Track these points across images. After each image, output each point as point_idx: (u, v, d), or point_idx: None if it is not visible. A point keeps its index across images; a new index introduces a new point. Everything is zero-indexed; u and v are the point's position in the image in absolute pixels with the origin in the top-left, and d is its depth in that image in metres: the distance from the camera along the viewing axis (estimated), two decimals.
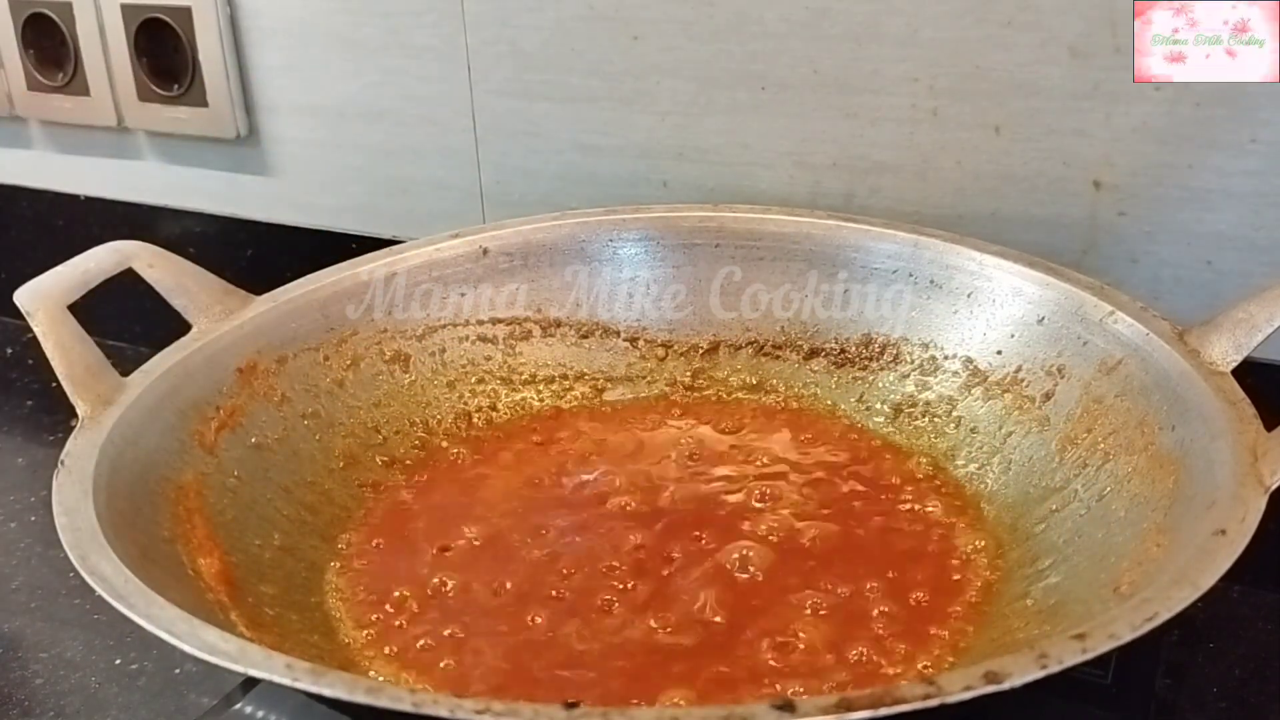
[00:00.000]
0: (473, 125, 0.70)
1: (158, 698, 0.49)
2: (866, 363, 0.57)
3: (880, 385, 0.57)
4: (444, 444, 0.56)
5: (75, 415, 0.45)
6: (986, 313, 0.54)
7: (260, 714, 0.47)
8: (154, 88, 0.76)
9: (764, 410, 0.58)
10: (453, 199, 0.72)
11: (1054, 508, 0.47)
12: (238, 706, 0.47)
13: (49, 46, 0.79)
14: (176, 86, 0.75)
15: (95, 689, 0.50)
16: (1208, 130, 0.53)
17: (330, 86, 0.73)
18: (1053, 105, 0.56)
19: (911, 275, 0.57)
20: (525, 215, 0.62)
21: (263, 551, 0.46)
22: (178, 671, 0.50)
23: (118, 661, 0.51)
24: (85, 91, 0.78)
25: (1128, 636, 0.31)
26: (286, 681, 0.30)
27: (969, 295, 0.55)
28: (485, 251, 0.59)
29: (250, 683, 0.48)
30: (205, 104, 0.74)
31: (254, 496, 0.47)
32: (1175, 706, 0.46)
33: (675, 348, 0.61)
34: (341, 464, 0.52)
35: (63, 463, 0.41)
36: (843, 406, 0.57)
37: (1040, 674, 0.29)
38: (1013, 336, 0.53)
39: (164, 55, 0.75)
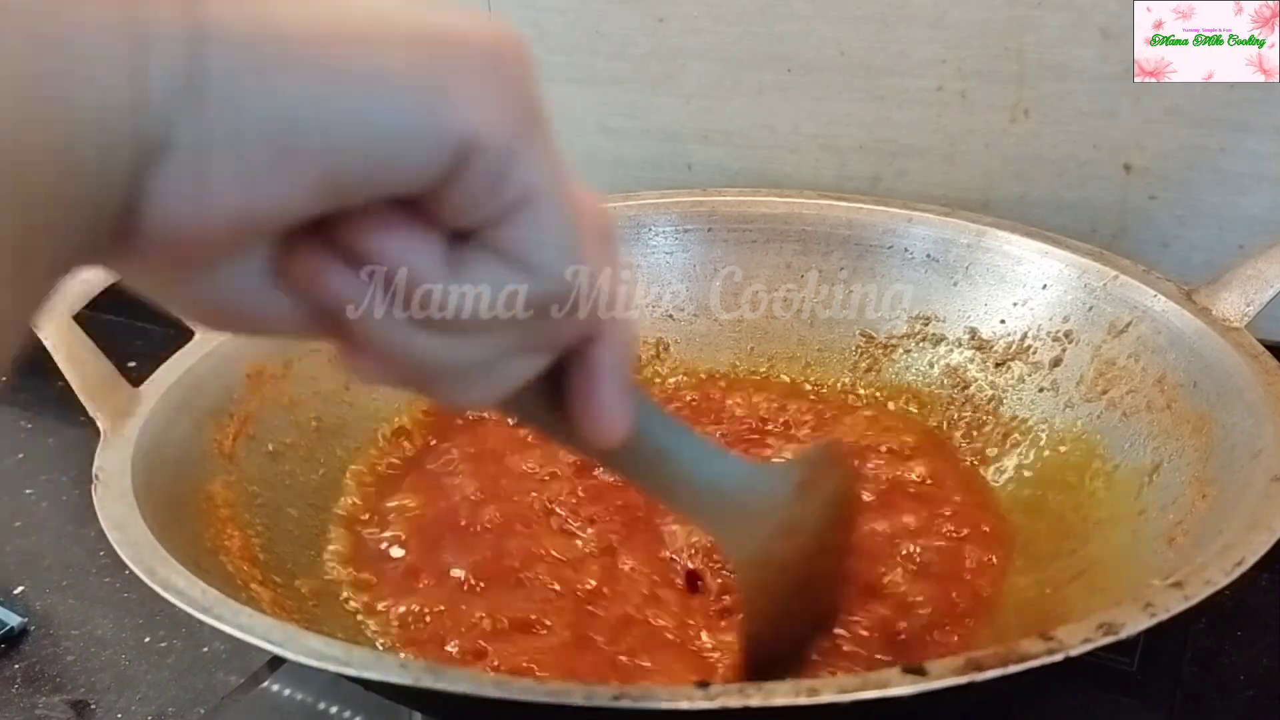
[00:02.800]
0: None
1: (186, 675, 0.50)
2: (869, 339, 0.57)
3: (886, 363, 0.57)
4: (458, 439, 0.55)
5: None
6: (987, 283, 0.54)
7: (287, 692, 0.48)
8: None
9: (769, 390, 0.58)
10: None
11: (1079, 469, 0.47)
12: (265, 684, 0.48)
13: None
14: None
15: (125, 666, 0.50)
16: (1241, 113, 0.52)
17: None
18: (1083, 87, 0.55)
19: (908, 251, 0.57)
20: None
21: (295, 557, 0.46)
22: (205, 650, 0.51)
23: (147, 639, 0.52)
24: None
25: (1223, 581, 0.31)
26: (407, 682, 0.29)
27: (967, 268, 0.55)
28: None
29: (277, 661, 0.48)
30: None
31: (279, 503, 0.47)
32: (1202, 694, 0.46)
33: (675, 334, 0.60)
34: (357, 468, 0.52)
35: (97, 477, 0.40)
36: (852, 384, 0.57)
37: (1149, 623, 0.30)
38: (1015, 305, 0.53)
39: None
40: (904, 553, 0.45)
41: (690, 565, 0.45)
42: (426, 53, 0.21)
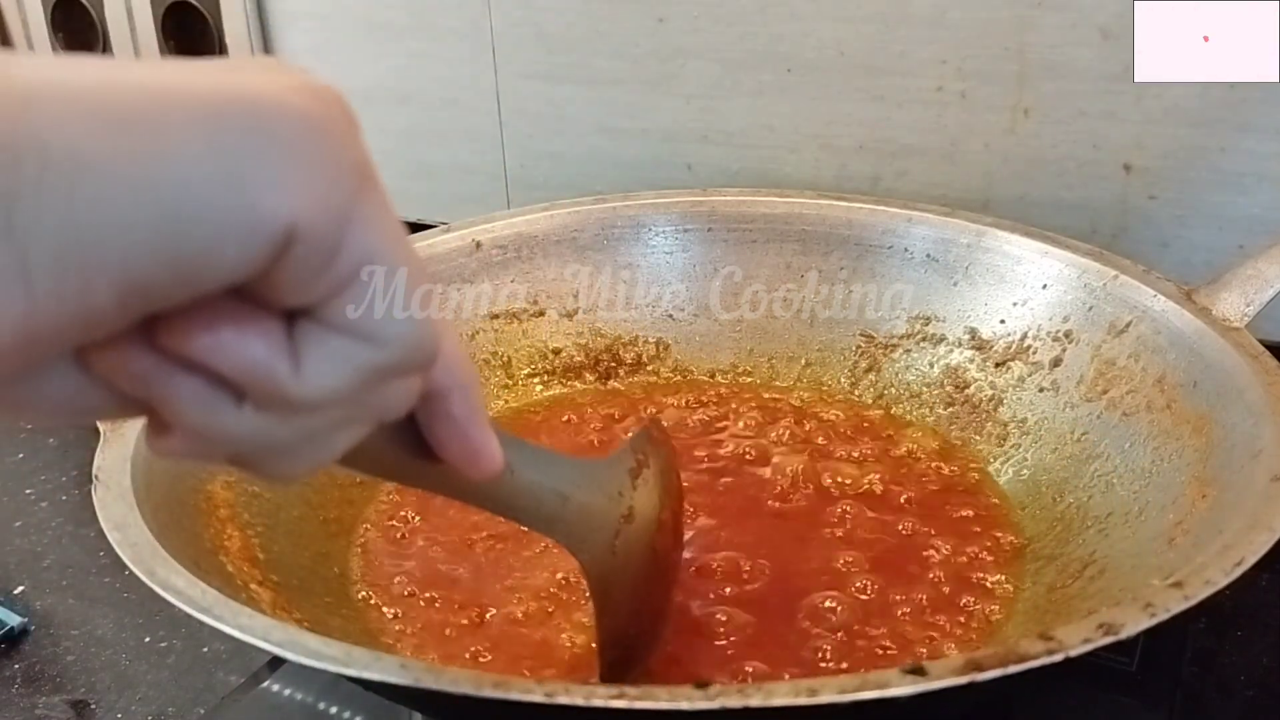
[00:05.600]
0: (497, 108, 0.70)
1: (186, 675, 0.50)
2: (869, 339, 0.57)
3: (886, 363, 0.57)
4: None
5: None
6: (987, 283, 0.54)
7: (287, 692, 0.48)
8: None
9: (763, 393, 0.58)
10: (478, 182, 0.72)
11: (1079, 469, 0.47)
12: (265, 684, 0.48)
13: (78, 30, 0.79)
14: None
15: (125, 666, 0.50)
16: (1241, 113, 0.53)
17: (356, 70, 0.73)
18: (1083, 87, 0.55)
19: (908, 250, 0.57)
20: (550, 199, 0.62)
21: (296, 557, 0.46)
22: (205, 650, 0.51)
23: (147, 639, 0.52)
24: None
25: (1223, 581, 0.31)
26: (407, 683, 0.29)
27: (967, 268, 0.55)
28: (478, 245, 0.59)
29: (277, 661, 0.48)
30: None
31: (278, 503, 0.47)
32: (1202, 694, 0.46)
33: (675, 334, 0.60)
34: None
35: (96, 477, 0.40)
36: (849, 387, 0.57)
37: (1149, 623, 0.30)
38: (1015, 305, 0.53)
39: (191, 38, 0.75)
40: (900, 554, 0.45)
41: None
42: (230, 133, 0.18)
